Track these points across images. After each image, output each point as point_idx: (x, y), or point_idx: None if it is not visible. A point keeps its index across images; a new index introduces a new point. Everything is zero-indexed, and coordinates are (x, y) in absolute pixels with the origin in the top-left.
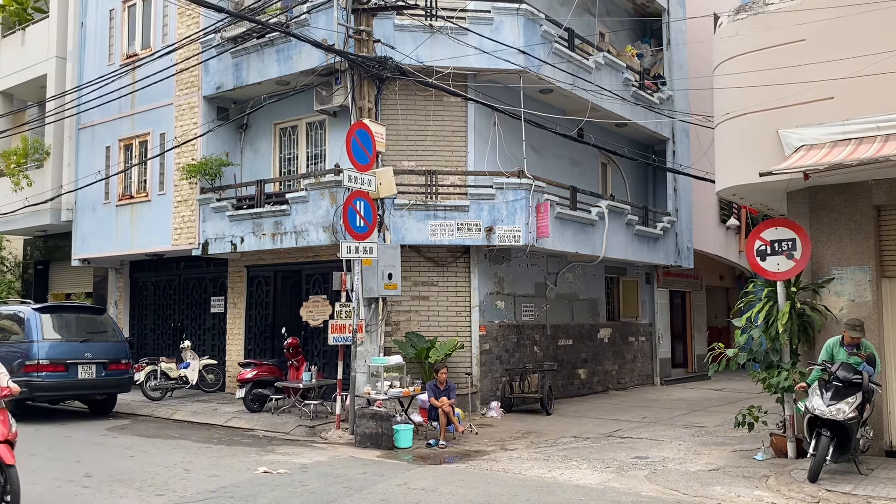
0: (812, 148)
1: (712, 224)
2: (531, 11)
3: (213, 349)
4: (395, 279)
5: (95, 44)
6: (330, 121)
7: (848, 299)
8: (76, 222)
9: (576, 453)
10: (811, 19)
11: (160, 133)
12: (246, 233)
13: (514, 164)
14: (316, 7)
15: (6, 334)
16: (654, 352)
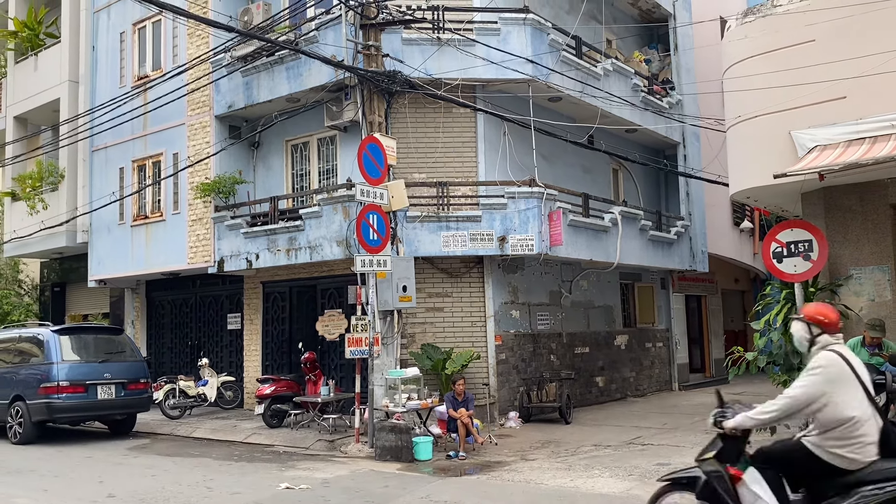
0: (826, 148)
1: (726, 227)
2: (538, 21)
3: (231, 366)
4: (409, 291)
5: (107, 67)
6: (341, 136)
7: (867, 299)
8: (92, 244)
9: (597, 462)
10: (820, 19)
11: (173, 153)
12: (261, 249)
13: (525, 173)
14: (324, 24)
15: (26, 357)
16: (672, 357)
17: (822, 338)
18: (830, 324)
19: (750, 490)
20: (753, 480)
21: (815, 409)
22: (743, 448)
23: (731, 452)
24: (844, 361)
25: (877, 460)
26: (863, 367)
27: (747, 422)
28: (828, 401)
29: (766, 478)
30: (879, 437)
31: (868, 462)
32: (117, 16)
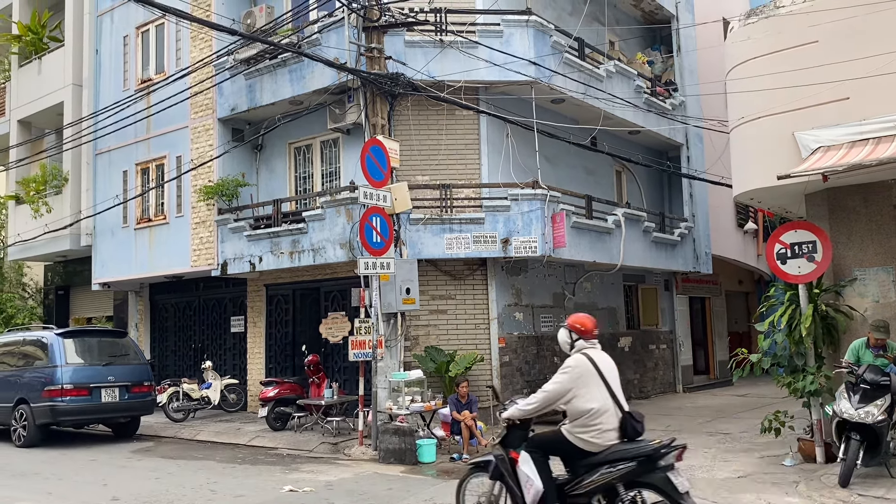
0: (829, 149)
1: (729, 228)
2: (540, 23)
3: (235, 369)
4: (412, 294)
5: (110, 70)
6: (344, 138)
7: (872, 300)
8: (95, 247)
9: None
10: (823, 20)
11: (176, 156)
12: (264, 252)
13: (528, 175)
14: (327, 27)
15: (30, 360)
16: (676, 359)
17: (578, 342)
18: (586, 331)
19: (522, 470)
20: (524, 462)
21: (566, 402)
22: (525, 435)
23: (514, 439)
24: (591, 362)
25: (615, 444)
26: (610, 367)
27: (516, 412)
28: (574, 395)
29: (534, 459)
30: (619, 425)
31: (607, 445)
32: (120, 19)
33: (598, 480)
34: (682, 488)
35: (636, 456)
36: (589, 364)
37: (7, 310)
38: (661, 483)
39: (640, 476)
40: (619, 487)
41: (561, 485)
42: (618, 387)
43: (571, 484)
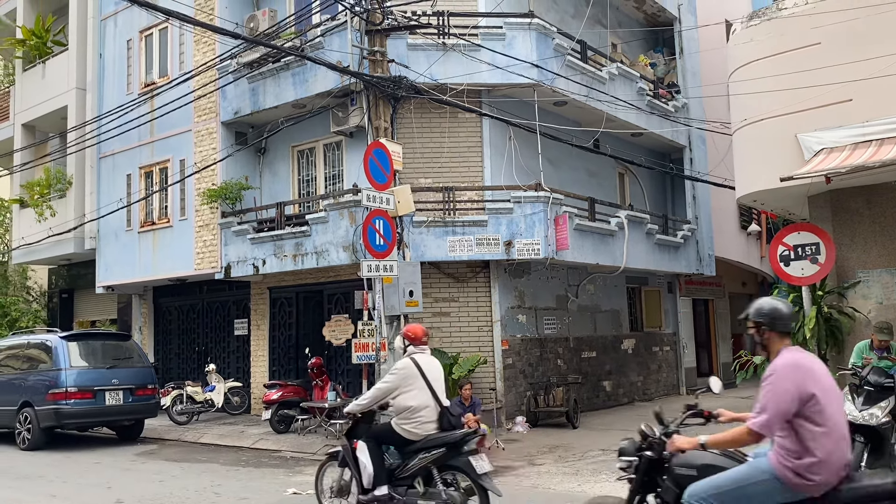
0: (832, 151)
1: (733, 230)
2: (543, 25)
3: (238, 371)
4: (416, 296)
5: (114, 74)
6: (347, 141)
7: (875, 302)
8: (99, 250)
9: (605, 466)
10: (826, 22)
11: (180, 159)
12: (267, 255)
13: (531, 178)
14: (330, 30)
15: (34, 363)
16: (679, 361)
17: (409, 348)
18: (416, 339)
19: (359, 456)
20: (361, 450)
21: (393, 398)
22: (369, 427)
23: (358, 430)
24: (416, 366)
25: (433, 433)
26: (435, 369)
27: (354, 407)
28: (399, 392)
29: (369, 447)
30: (438, 418)
31: (426, 435)
32: (124, 23)
33: (417, 465)
34: (480, 470)
35: (445, 443)
36: (414, 367)
37: (11, 313)
38: (464, 465)
39: (448, 460)
40: (433, 470)
41: (392, 469)
42: (440, 386)
43: (400, 468)
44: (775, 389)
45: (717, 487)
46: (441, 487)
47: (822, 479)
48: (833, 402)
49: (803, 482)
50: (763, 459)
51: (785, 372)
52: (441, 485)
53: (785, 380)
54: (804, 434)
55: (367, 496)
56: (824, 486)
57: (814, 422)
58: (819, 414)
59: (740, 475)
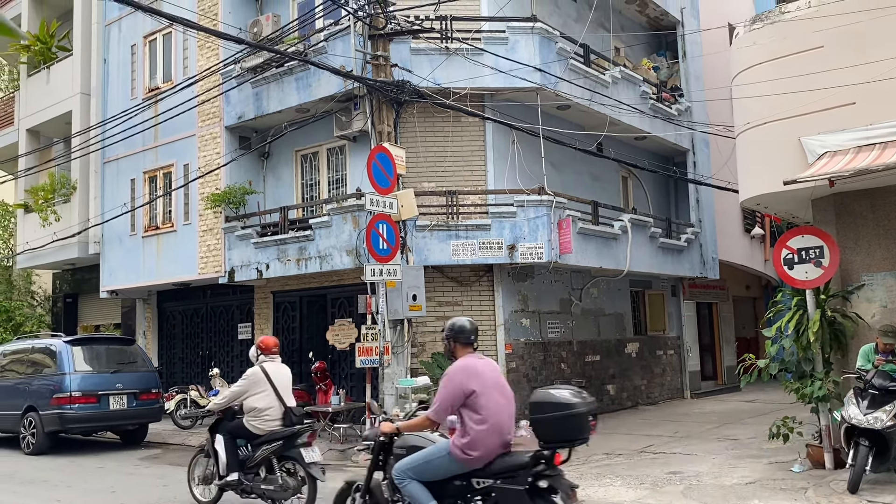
0: (836, 154)
1: (736, 234)
2: (546, 29)
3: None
4: (419, 300)
5: (118, 79)
6: (350, 146)
7: (880, 305)
8: (103, 255)
9: (609, 470)
10: (829, 26)
11: (184, 164)
12: (271, 259)
13: (534, 182)
14: (333, 35)
15: (38, 367)
16: (683, 365)
17: (260, 357)
18: (266, 349)
19: (216, 448)
20: (218, 442)
21: (243, 399)
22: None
23: (220, 426)
24: (264, 373)
25: (276, 429)
26: (282, 375)
27: (213, 406)
28: (248, 395)
29: (225, 440)
30: (282, 416)
31: (270, 431)
32: (128, 28)
33: (261, 455)
34: (308, 459)
35: (282, 437)
36: (262, 374)
37: (16, 318)
38: (296, 455)
39: (285, 451)
40: (273, 460)
41: (244, 459)
42: (285, 389)
43: (249, 459)
44: (446, 386)
45: (412, 462)
46: (279, 474)
47: (480, 455)
48: (492, 396)
49: (465, 457)
50: (446, 441)
51: (455, 373)
52: (281, 472)
53: (454, 379)
54: (466, 420)
55: (222, 481)
56: (482, 460)
57: (474, 411)
58: (478, 405)
59: (428, 452)
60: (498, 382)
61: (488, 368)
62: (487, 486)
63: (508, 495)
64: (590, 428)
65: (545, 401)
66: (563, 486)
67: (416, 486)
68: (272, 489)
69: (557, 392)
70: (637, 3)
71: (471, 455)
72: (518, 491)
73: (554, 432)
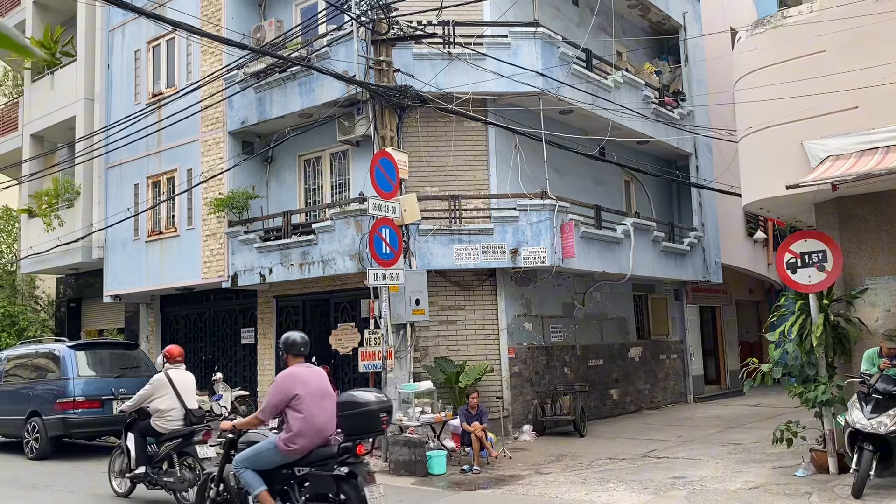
0: (838, 158)
1: (739, 237)
2: (548, 34)
3: (245, 380)
4: (422, 304)
5: (122, 84)
6: (353, 150)
7: (883, 309)
8: (107, 259)
9: (612, 475)
10: (831, 30)
11: (187, 169)
12: (274, 264)
13: (537, 186)
14: (336, 40)
15: (42, 372)
16: (686, 369)
17: (166, 365)
18: (171, 358)
19: (126, 445)
20: (129, 439)
21: (149, 402)
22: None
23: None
24: (168, 378)
25: (178, 428)
26: (184, 381)
27: (125, 407)
28: (154, 398)
29: (135, 438)
30: (184, 417)
31: (172, 429)
32: (132, 34)
33: (163, 451)
34: (202, 455)
35: (181, 435)
36: (166, 379)
37: (19, 322)
38: (192, 451)
39: (183, 447)
40: (174, 455)
41: (151, 455)
42: (187, 393)
43: (156, 454)
44: (274, 390)
45: (247, 454)
46: (178, 468)
47: (299, 447)
48: (314, 400)
49: (287, 449)
50: (275, 436)
51: (282, 380)
52: (181, 466)
53: (281, 385)
54: (290, 418)
55: (132, 474)
56: (301, 452)
57: (297, 411)
58: (301, 407)
59: (260, 446)
60: (321, 388)
61: (314, 376)
62: (305, 473)
63: (319, 480)
64: (381, 423)
65: (346, 401)
66: (362, 471)
67: (249, 473)
68: (172, 481)
69: (357, 393)
70: (639, 7)
71: (291, 448)
72: (326, 476)
73: (353, 427)
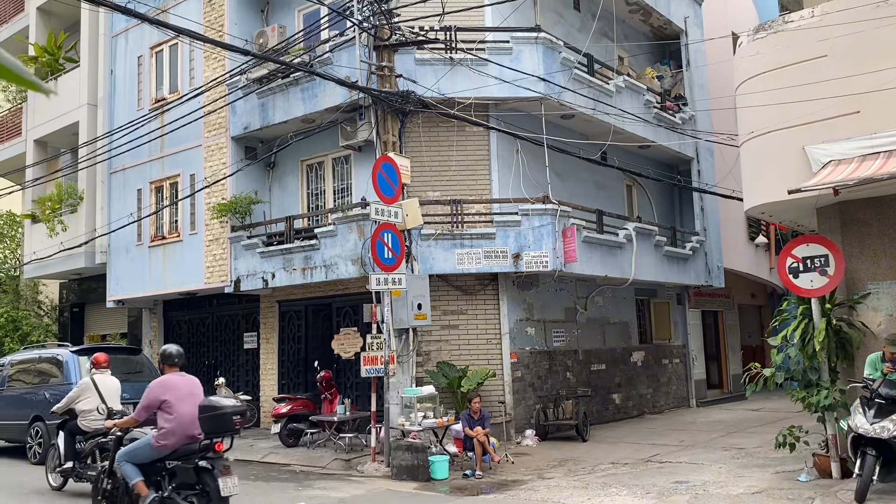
0: (840, 163)
1: (741, 242)
2: (550, 39)
3: (248, 385)
4: (424, 309)
5: (125, 90)
6: (355, 155)
7: (886, 314)
8: (110, 264)
9: (615, 480)
10: (832, 35)
11: (190, 174)
12: (277, 268)
13: (539, 190)
14: (338, 46)
15: (45, 377)
16: (689, 373)
17: (93, 370)
18: (97, 364)
19: (57, 443)
20: (60, 438)
21: (76, 403)
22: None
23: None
24: (93, 382)
25: (100, 427)
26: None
27: (56, 408)
28: (80, 400)
29: (64, 436)
30: (107, 417)
31: (95, 429)
32: (135, 40)
33: (88, 448)
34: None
35: (103, 433)
36: (91, 383)
37: (23, 327)
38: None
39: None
40: (97, 452)
41: (79, 452)
42: (110, 396)
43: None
44: (146, 395)
45: (127, 449)
46: (99, 463)
47: (168, 444)
48: (182, 403)
49: (158, 445)
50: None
51: (154, 386)
52: (101, 462)
53: (153, 390)
54: (161, 419)
55: (61, 468)
56: (171, 448)
57: (167, 413)
58: (170, 410)
59: (138, 443)
60: (191, 393)
61: (185, 384)
62: (174, 466)
63: (184, 472)
64: (234, 424)
65: (205, 405)
66: (219, 465)
67: (128, 466)
68: (94, 475)
69: (214, 398)
70: (640, 12)
71: (162, 444)
72: (189, 469)
73: (211, 427)
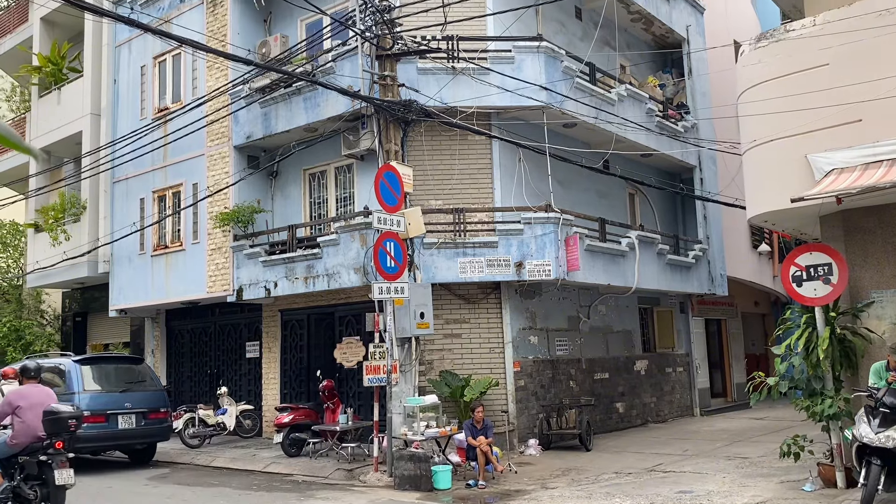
0: (843, 171)
1: (744, 250)
2: (551, 48)
3: (250, 394)
4: (427, 318)
5: (128, 99)
6: (357, 164)
7: (890, 322)
8: (113, 273)
9: (618, 489)
10: (834, 43)
11: (193, 183)
12: (279, 277)
13: (541, 199)
14: (341, 55)
15: (48, 387)
16: (693, 382)
17: (2, 381)
18: (5, 376)
19: None
20: None
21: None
22: None
23: None
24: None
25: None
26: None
27: None
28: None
29: None
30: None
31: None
32: (138, 50)
33: None
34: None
35: None
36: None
37: (25, 336)
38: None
39: None
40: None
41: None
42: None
43: None
44: (3, 403)
45: None
46: None
47: (20, 443)
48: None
49: (11, 444)
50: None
51: (9, 395)
52: None
53: (8, 398)
54: (14, 423)
55: None
56: (21, 446)
57: (18, 417)
58: (21, 415)
59: None
60: (42, 402)
61: (37, 393)
62: (23, 461)
63: (29, 465)
64: (69, 426)
65: (47, 411)
66: (57, 460)
67: None
68: None
69: (55, 405)
70: (642, 21)
71: (14, 443)
72: (32, 462)
73: (51, 428)
